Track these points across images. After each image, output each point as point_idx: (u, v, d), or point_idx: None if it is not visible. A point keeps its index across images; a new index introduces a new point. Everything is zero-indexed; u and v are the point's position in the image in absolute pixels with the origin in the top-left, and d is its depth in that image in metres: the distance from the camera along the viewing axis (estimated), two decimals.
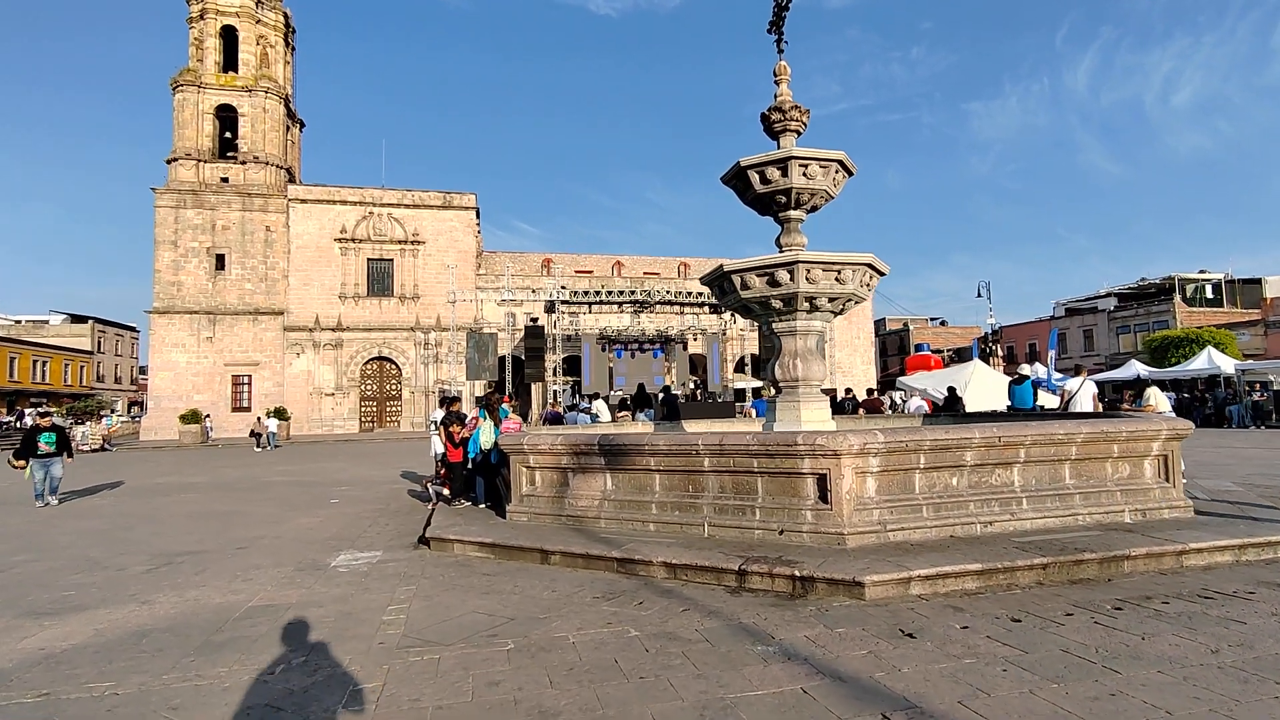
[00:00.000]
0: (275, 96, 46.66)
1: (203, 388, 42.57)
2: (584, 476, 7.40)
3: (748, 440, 6.30)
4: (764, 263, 8.71)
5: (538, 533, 6.97)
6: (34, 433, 11.98)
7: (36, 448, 11.78)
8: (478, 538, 6.92)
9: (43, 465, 11.78)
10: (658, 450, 6.78)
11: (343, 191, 46.28)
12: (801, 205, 9.46)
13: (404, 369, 45.95)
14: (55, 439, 12.00)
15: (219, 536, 8.51)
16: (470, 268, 47.49)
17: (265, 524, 9.40)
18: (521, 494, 7.80)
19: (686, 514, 6.66)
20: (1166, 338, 30.97)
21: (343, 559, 6.99)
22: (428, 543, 7.36)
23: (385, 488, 13.52)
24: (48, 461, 11.86)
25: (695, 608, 4.85)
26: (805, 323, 9.30)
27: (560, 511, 7.42)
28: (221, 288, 43.86)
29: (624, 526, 6.93)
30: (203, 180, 44.45)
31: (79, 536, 8.82)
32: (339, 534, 8.44)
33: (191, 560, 7.12)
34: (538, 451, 7.60)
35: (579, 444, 7.29)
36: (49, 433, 11.99)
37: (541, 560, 6.40)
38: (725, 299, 9.72)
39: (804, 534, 5.99)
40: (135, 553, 7.61)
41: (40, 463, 11.76)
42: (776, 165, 9.03)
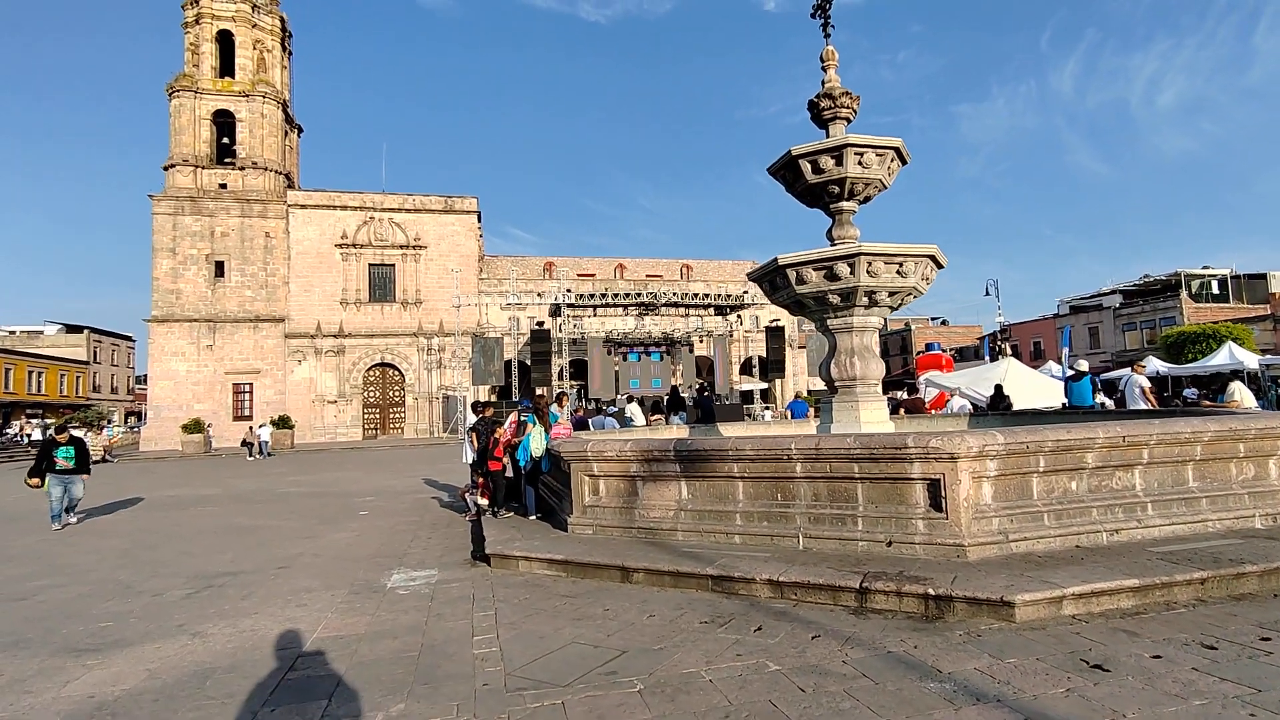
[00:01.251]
0: (273, 101, 46.04)
1: (203, 396, 41.82)
2: (655, 485, 6.85)
3: (848, 443, 5.77)
4: (822, 256, 8.22)
5: (610, 547, 6.42)
6: (51, 447, 10.93)
7: (54, 464, 10.75)
8: (545, 554, 6.37)
9: (60, 482, 10.76)
10: (743, 455, 6.24)
11: (343, 197, 45.65)
12: (855, 196, 8.99)
13: (407, 375, 45.30)
14: (75, 454, 10.95)
15: (254, 554, 7.93)
16: (473, 272, 46.89)
17: (299, 539, 8.81)
18: (584, 504, 7.25)
19: (776, 524, 6.12)
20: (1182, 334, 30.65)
21: (398, 579, 6.43)
22: (487, 559, 6.80)
23: (411, 498, 12.94)
24: (67, 479, 10.85)
25: (825, 633, 4.31)
26: (863, 319, 8.82)
27: (630, 523, 6.87)
28: (221, 295, 43.15)
29: (704, 539, 6.39)
30: (201, 187, 43.77)
31: (101, 557, 8.22)
32: (382, 550, 7.86)
33: (233, 583, 6.53)
34: (603, 459, 7.05)
35: (651, 450, 6.75)
36: (67, 447, 10.95)
37: (622, 579, 5.85)
38: (776, 295, 9.21)
39: (916, 545, 5.46)
40: (169, 575, 7.02)
41: (58, 479, 10.74)
42: (830, 153, 8.54)
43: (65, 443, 11.02)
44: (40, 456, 10.89)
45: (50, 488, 10.68)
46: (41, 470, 10.72)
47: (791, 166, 8.91)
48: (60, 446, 10.91)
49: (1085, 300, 54.11)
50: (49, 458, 10.79)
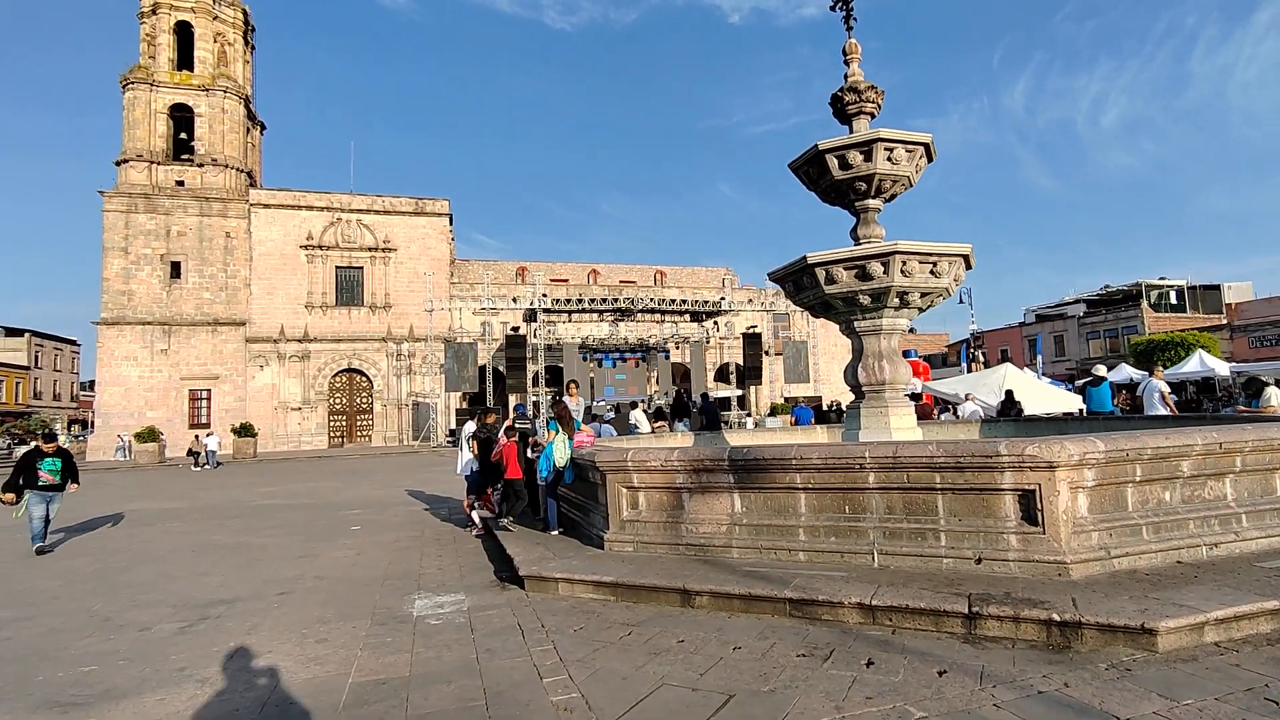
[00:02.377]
0: (234, 96, 44.34)
1: (156, 403, 39.80)
2: (704, 497, 6.29)
3: (930, 451, 5.29)
4: (855, 254, 7.81)
5: (662, 567, 5.82)
6: (34, 458, 9.37)
7: (36, 477, 9.27)
8: (590, 575, 5.74)
9: (43, 499, 9.27)
10: (807, 465, 5.72)
11: (309, 196, 44.09)
12: (881, 193, 8.63)
13: (375, 381, 43.84)
14: (61, 466, 9.49)
15: (246, 577, 7.10)
16: (444, 276, 45.70)
17: (292, 559, 7.99)
18: (621, 519, 6.64)
19: (846, 539, 5.61)
20: (1151, 341, 31.39)
21: (423, 606, 5.72)
22: (519, 581, 6.14)
23: (401, 510, 12.12)
24: (50, 495, 9.37)
25: (950, 667, 3.80)
26: (891, 321, 8.46)
27: (676, 539, 6.29)
28: (177, 297, 41.18)
29: (764, 556, 5.84)
30: (156, 183, 41.81)
31: (67, 581, 7.29)
32: (392, 571, 7.12)
33: (231, 613, 5.74)
34: (645, 469, 6.46)
35: (702, 460, 6.18)
36: (53, 459, 9.45)
37: (682, 603, 5.26)
38: (801, 295, 8.77)
39: (1010, 563, 5.00)
40: (152, 603, 6.18)
41: (40, 496, 9.26)
42: (859, 148, 8.16)
43: (51, 454, 9.53)
44: (20, 469, 9.37)
45: (30, 506, 9.24)
46: (18, 485, 9.26)
47: (816, 161, 8.52)
48: (45, 458, 9.43)
49: (1050, 309, 55.39)
50: (30, 470, 9.32)
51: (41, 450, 9.54)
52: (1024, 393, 16.32)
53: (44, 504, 9.30)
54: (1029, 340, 55.02)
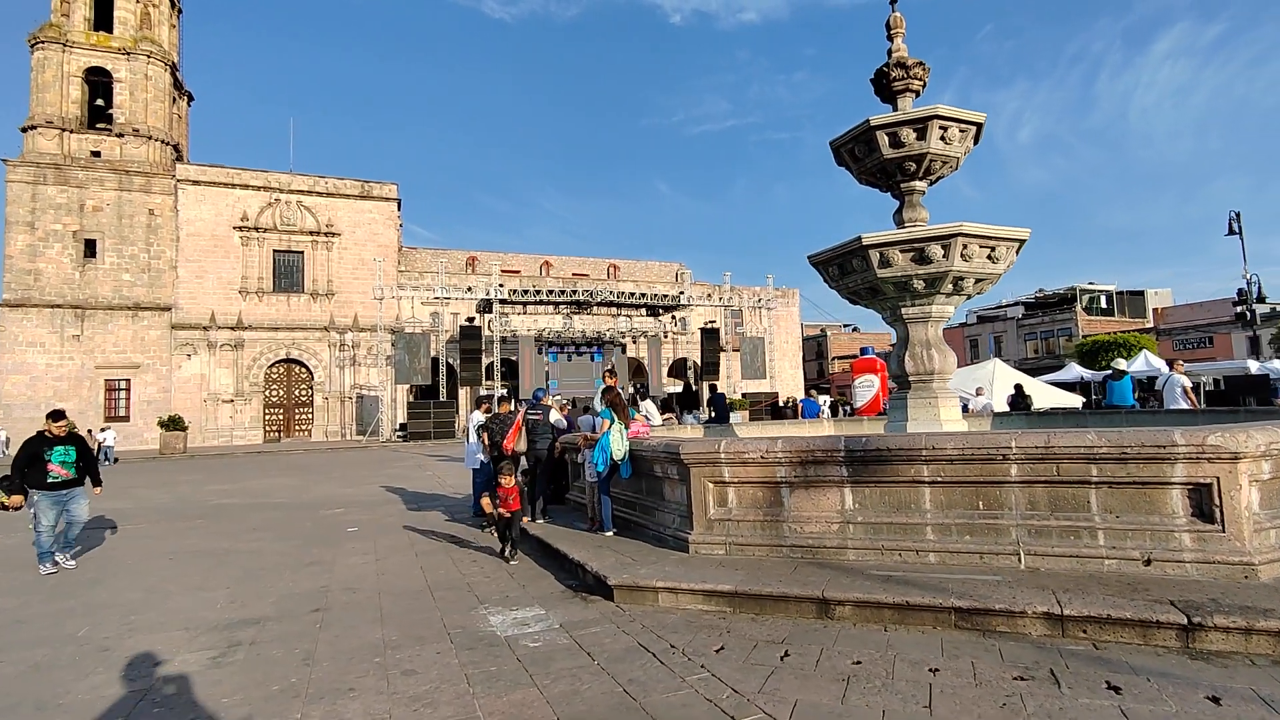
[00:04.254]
0: (159, 62, 40.98)
1: (68, 394, 36.29)
2: (808, 493, 5.61)
3: (1090, 441, 4.76)
4: (915, 235, 7.35)
5: (774, 572, 5.10)
6: (40, 446, 7.10)
7: (45, 472, 7.05)
8: (701, 584, 4.96)
9: (56, 502, 7.06)
10: (939, 456, 5.12)
11: (244, 174, 41.19)
12: (930, 175, 8.24)
13: (316, 373, 41.38)
14: (75, 455, 7.30)
15: (256, 591, 5.98)
16: (392, 264, 43.50)
17: (300, 568, 6.87)
18: (708, 518, 5.89)
19: (983, 539, 5.04)
20: (1096, 342, 32.81)
21: (501, 623, 4.83)
22: (603, 591, 5.31)
23: (392, 509, 10.98)
24: (64, 495, 7.15)
25: (1226, 694, 3.24)
26: (941, 308, 8.07)
27: (777, 540, 5.59)
28: (92, 278, 37.72)
29: (886, 558, 5.22)
30: (68, 153, 38.17)
31: (25, 599, 5.98)
32: (432, 580, 6.14)
33: (265, 636, 4.69)
34: (741, 461, 5.73)
35: (812, 450, 5.50)
36: (66, 446, 7.21)
37: (819, 614, 4.57)
38: (846, 279, 8.25)
39: (1186, 564, 4.53)
40: (154, 626, 5.03)
41: (53, 498, 7.04)
42: (913, 126, 7.71)
43: (62, 437, 7.25)
44: (23, 461, 7.06)
45: (39, 511, 6.95)
46: (23, 483, 7.01)
47: (865, 139, 8.02)
48: (57, 445, 7.17)
49: (992, 311, 57.50)
50: (36, 462, 7.07)
51: (49, 435, 7.18)
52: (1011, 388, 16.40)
53: (56, 508, 7.04)
54: (970, 340, 57.02)
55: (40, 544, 6.98)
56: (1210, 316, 41.08)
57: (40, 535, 6.95)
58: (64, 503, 7.13)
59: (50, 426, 7.23)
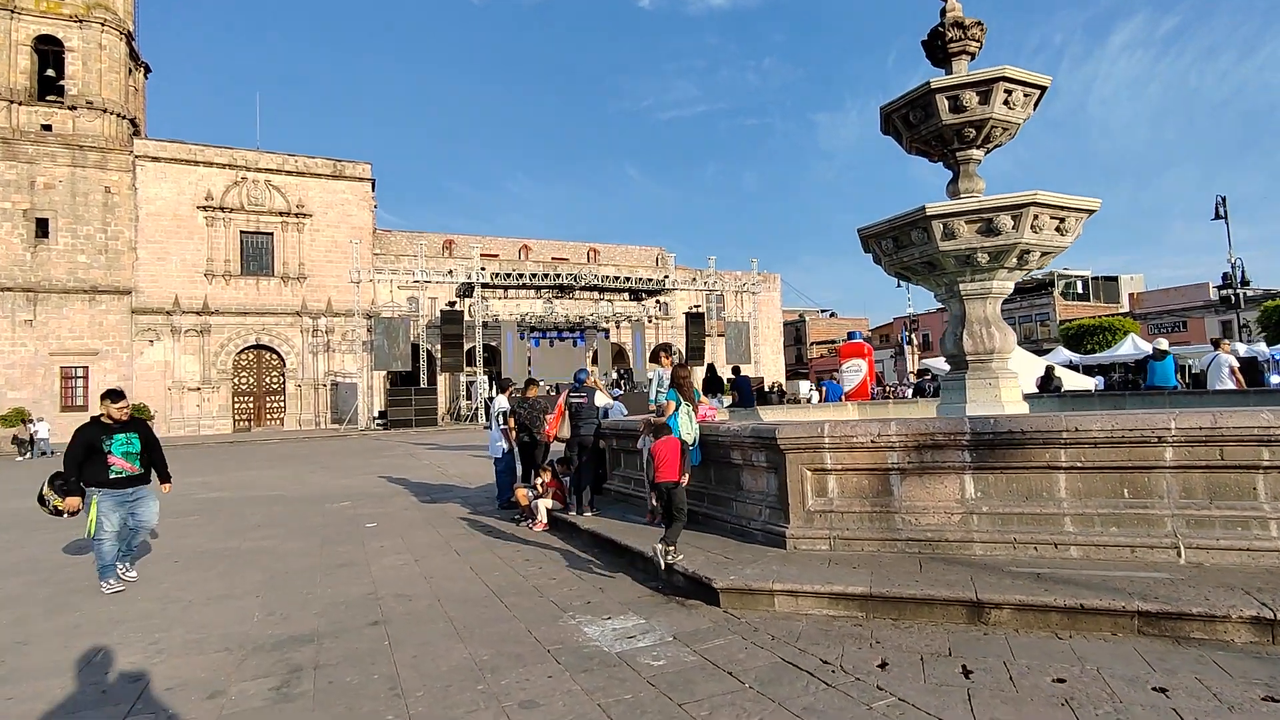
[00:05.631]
0: (114, 30, 38.65)
1: (20, 382, 34.37)
2: (922, 480, 5.05)
3: (1265, 421, 4.27)
4: (985, 205, 6.85)
5: (902, 570, 4.54)
6: (97, 434, 5.71)
7: (106, 466, 5.67)
8: (827, 586, 4.37)
9: (119, 503, 5.69)
10: (1082, 439, 4.59)
11: (207, 151, 39.22)
12: (989, 143, 7.74)
13: (288, 359, 39.83)
14: (140, 444, 5.90)
15: (292, 599, 5.23)
16: (367, 246, 41.96)
17: (330, 570, 6.11)
18: (807, 509, 5.30)
19: (1132, 530, 4.54)
20: (1081, 326, 33.17)
21: (600, 634, 4.18)
22: (703, 594, 4.69)
23: (405, 502, 10.20)
24: (129, 494, 5.78)
25: None
26: (1002, 283, 7.64)
27: (890, 533, 5.03)
28: (45, 260, 35.61)
29: (1019, 552, 4.69)
30: (17, 126, 35.84)
31: (4, 605, 5.12)
32: (495, 585, 5.45)
33: (328, 658, 3.96)
34: (847, 446, 5.14)
35: (931, 435, 4.93)
36: (128, 433, 5.83)
37: (971, 618, 4.01)
38: (901, 253, 7.74)
39: None
40: (186, 646, 4.26)
41: (116, 497, 5.68)
42: (977, 89, 7.18)
43: (124, 423, 5.88)
44: (79, 453, 5.65)
45: (98, 514, 5.59)
46: (79, 482, 5.67)
47: (922, 103, 7.49)
48: (117, 433, 5.78)
49: None
50: (95, 455, 5.67)
51: (106, 420, 5.79)
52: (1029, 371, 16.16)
53: (120, 510, 5.69)
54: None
55: (101, 555, 5.63)
56: (1185, 301, 41.89)
57: (102, 544, 5.59)
58: (129, 504, 5.76)
59: (108, 409, 5.80)
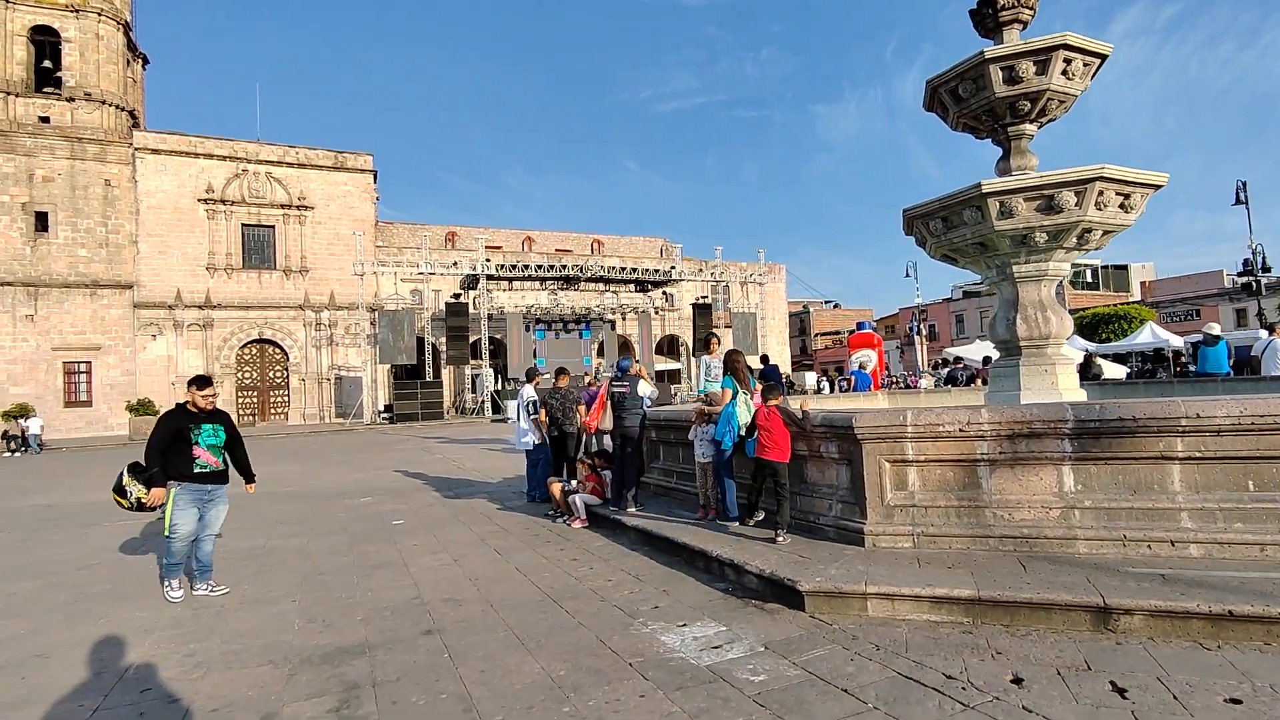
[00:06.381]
0: (111, 20, 38.01)
1: (23, 378, 33.93)
2: (1014, 472, 4.66)
3: None
4: (1046, 181, 6.48)
5: (991, 568, 4.15)
6: (184, 422, 5.23)
7: (190, 459, 5.18)
8: (924, 588, 3.97)
9: (197, 499, 5.21)
10: (1203, 426, 4.19)
11: (207, 143, 38.61)
12: (1043, 116, 7.34)
13: (291, 353, 39.37)
14: (225, 438, 5.43)
15: (335, 603, 4.84)
16: (369, 239, 41.45)
17: (366, 571, 5.72)
18: (886, 504, 4.90)
19: (1260, 526, 4.15)
20: (1096, 314, 32.76)
21: (679, 643, 3.80)
22: (790, 598, 4.30)
23: (429, 498, 9.81)
24: (207, 492, 5.28)
25: None
26: (1058, 265, 7.29)
27: (980, 529, 4.64)
28: (45, 254, 35.09)
29: (1130, 550, 4.30)
30: (14, 118, 35.29)
31: (44, 617, 4.73)
32: (549, 589, 5.06)
33: (383, 674, 3.57)
34: (932, 436, 4.74)
35: (1027, 422, 4.53)
36: (213, 424, 5.36)
37: (1095, 624, 3.62)
38: (950, 234, 7.37)
39: None
40: (231, 658, 3.86)
41: (195, 493, 5.20)
42: (1035, 58, 6.78)
43: (209, 412, 5.39)
44: (163, 441, 5.14)
45: (174, 509, 5.10)
46: (158, 473, 5.12)
47: (974, 75, 7.09)
48: (204, 422, 5.31)
49: (976, 286, 57.59)
50: (181, 445, 5.17)
51: (192, 408, 5.30)
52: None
53: (197, 507, 5.21)
54: (955, 316, 57.12)
55: (172, 553, 5.16)
56: (1198, 288, 41.46)
57: (173, 542, 5.12)
58: (205, 502, 5.26)
59: (195, 396, 5.29)
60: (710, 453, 6.15)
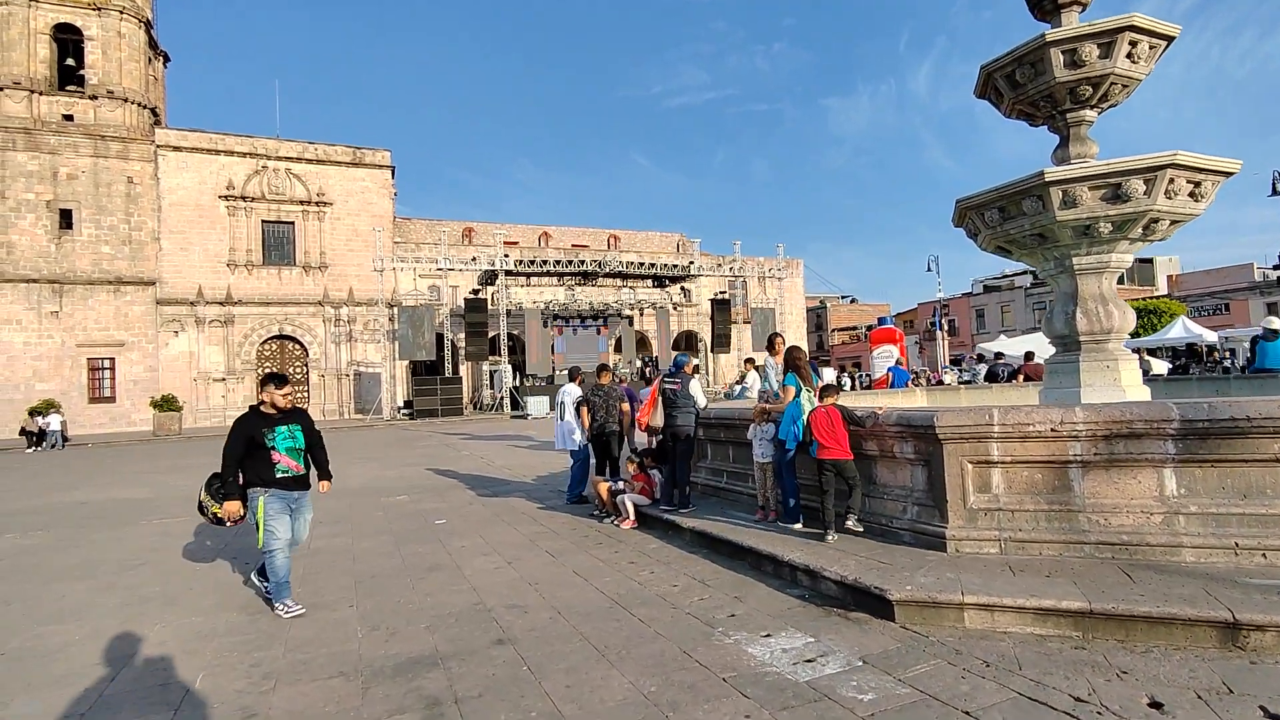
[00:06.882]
0: (133, 18, 38.14)
1: (48, 374, 34.22)
2: (1109, 474, 4.41)
3: None
4: (1116, 168, 6.18)
5: (1096, 577, 3.90)
6: (259, 427, 4.84)
7: (270, 464, 4.80)
8: (1028, 599, 3.73)
9: (287, 505, 4.86)
10: None
11: (228, 140, 38.72)
12: (1105, 102, 7.04)
13: (311, 349, 39.48)
14: (304, 438, 5.02)
15: (393, 608, 4.67)
16: (387, 235, 41.45)
17: (419, 574, 5.57)
18: (969, 507, 4.67)
19: None
20: None
21: (772, 657, 3.59)
22: (877, 607, 4.08)
23: (465, 495, 9.67)
24: (293, 498, 4.93)
25: None
26: (1121, 256, 6.99)
27: (1073, 534, 4.39)
28: (69, 251, 35.34)
29: (1243, 559, 4.05)
30: (38, 116, 35.51)
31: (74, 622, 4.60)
32: (613, 594, 4.87)
33: (467, 689, 3.40)
34: (1020, 436, 4.50)
35: (1128, 421, 4.27)
36: (291, 424, 4.97)
37: (1222, 640, 3.38)
38: (1007, 224, 7.11)
39: None
40: (299, 668, 3.71)
41: (284, 499, 4.84)
42: (1099, 41, 6.48)
43: (286, 412, 5.00)
44: (239, 449, 4.77)
45: (266, 518, 4.73)
46: (231, 484, 4.79)
47: (1032, 59, 6.81)
48: (279, 424, 4.90)
49: (996, 280, 56.86)
50: (259, 451, 4.80)
51: (268, 410, 4.92)
52: None
53: (287, 512, 4.84)
54: (976, 310, 56.41)
55: (275, 568, 4.74)
56: (1227, 283, 40.63)
57: (274, 555, 4.71)
58: (294, 507, 4.91)
59: (272, 396, 4.92)
60: (770, 453, 5.94)
